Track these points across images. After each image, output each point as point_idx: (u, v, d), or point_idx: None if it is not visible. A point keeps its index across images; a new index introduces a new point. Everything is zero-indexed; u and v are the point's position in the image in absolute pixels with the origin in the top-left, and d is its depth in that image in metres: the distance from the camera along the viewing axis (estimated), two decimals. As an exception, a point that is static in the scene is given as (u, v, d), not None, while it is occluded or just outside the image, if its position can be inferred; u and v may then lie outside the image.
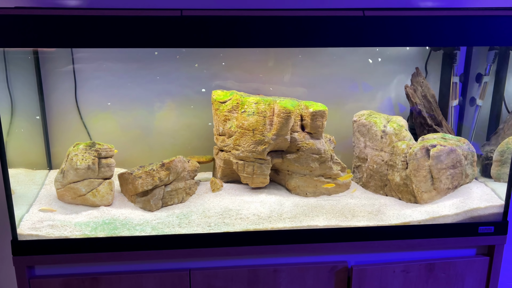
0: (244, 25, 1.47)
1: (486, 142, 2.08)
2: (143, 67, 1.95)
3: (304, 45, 1.56)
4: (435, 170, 1.79)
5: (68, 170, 1.72)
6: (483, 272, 1.82)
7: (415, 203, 1.84)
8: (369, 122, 1.94)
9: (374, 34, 1.51)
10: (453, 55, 2.03)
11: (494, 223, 1.76)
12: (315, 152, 1.85)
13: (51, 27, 1.40)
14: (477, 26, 1.53)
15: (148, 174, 1.74)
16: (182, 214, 1.74)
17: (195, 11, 1.47)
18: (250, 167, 1.85)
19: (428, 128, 2.02)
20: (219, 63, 1.98)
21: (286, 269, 1.71)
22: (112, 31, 1.43)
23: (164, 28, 1.44)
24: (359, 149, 2.00)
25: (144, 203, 1.75)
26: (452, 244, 1.77)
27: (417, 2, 1.95)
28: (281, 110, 1.77)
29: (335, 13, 1.53)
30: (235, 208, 1.78)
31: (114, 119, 2.02)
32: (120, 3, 1.83)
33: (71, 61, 1.93)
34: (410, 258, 1.79)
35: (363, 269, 1.74)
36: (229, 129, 1.86)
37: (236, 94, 1.88)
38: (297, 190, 1.91)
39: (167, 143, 2.07)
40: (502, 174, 1.92)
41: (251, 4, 1.87)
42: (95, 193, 1.74)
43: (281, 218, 1.73)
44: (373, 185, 1.97)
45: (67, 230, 1.62)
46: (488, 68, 2.01)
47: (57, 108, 1.98)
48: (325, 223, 1.71)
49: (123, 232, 1.63)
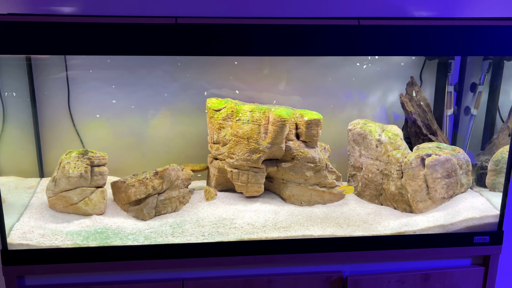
0: (240, 34, 1.47)
1: (480, 152, 2.08)
2: (136, 74, 1.94)
3: (300, 53, 1.56)
4: (430, 179, 1.79)
5: (60, 178, 1.69)
6: (479, 282, 1.81)
7: (410, 212, 1.83)
8: (364, 131, 1.94)
9: (369, 43, 1.51)
10: (447, 64, 2.03)
11: (489, 233, 1.76)
12: (310, 161, 1.84)
13: (45, 34, 1.39)
14: (473, 36, 1.54)
15: (141, 183, 1.72)
16: (176, 223, 1.72)
17: (190, 19, 1.47)
18: (244, 175, 1.84)
19: (423, 137, 2.02)
20: (214, 71, 1.97)
21: (281, 279, 1.70)
22: (106, 38, 1.42)
23: (159, 36, 1.43)
24: (354, 158, 2.00)
25: (137, 212, 1.73)
26: (447, 254, 1.76)
27: (412, 12, 1.96)
28: (276, 119, 1.76)
29: (330, 22, 1.53)
30: (229, 217, 1.76)
31: (107, 127, 2.00)
32: (115, 10, 1.82)
33: (65, 68, 1.91)
34: (405, 268, 1.78)
35: (358, 279, 1.72)
36: (224, 137, 1.85)
37: (231, 102, 1.87)
38: (292, 199, 1.90)
39: (161, 151, 2.05)
40: (497, 183, 1.92)
41: (246, 12, 1.87)
42: (87, 202, 1.72)
43: (276, 228, 1.71)
44: (368, 194, 1.96)
45: (58, 239, 1.59)
46: (482, 77, 2.02)
47: (49, 115, 1.96)
48: (320, 232, 1.70)
49: (115, 241, 1.61)
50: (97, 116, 1.97)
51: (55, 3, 1.79)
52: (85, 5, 1.80)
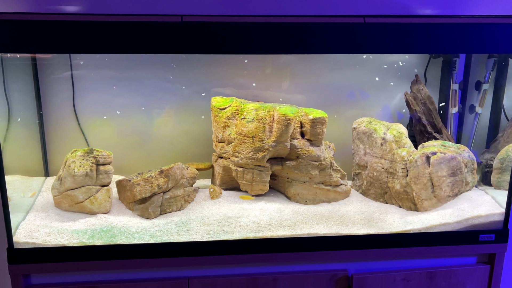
0: (245, 31, 1.47)
1: (485, 150, 2.08)
2: (141, 73, 1.94)
3: (305, 51, 1.56)
4: (435, 177, 1.79)
5: (66, 177, 1.70)
6: (484, 280, 1.80)
7: (415, 210, 1.83)
8: (369, 129, 1.93)
9: (374, 41, 1.51)
10: (452, 62, 2.03)
11: (495, 231, 1.76)
12: (315, 159, 1.83)
13: (51, 33, 1.40)
14: (477, 33, 1.54)
15: (147, 181, 1.72)
16: (181, 222, 1.72)
17: (196, 17, 1.47)
18: (249, 174, 1.84)
19: (428, 135, 2.01)
20: (219, 69, 1.97)
21: (286, 278, 1.69)
22: (111, 37, 1.42)
23: (165, 34, 1.43)
24: (359, 157, 2.00)
25: (142, 210, 1.73)
26: (453, 252, 1.76)
27: (417, 10, 1.95)
28: (281, 117, 1.76)
29: (336, 20, 1.53)
30: (234, 216, 1.76)
31: (112, 126, 2.00)
32: (120, 9, 1.82)
33: (70, 67, 1.91)
34: (411, 266, 1.77)
35: (364, 277, 1.72)
36: (229, 135, 1.85)
37: (236, 101, 1.87)
38: (297, 198, 1.90)
39: (166, 150, 2.05)
40: (502, 181, 1.92)
41: (252, 10, 1.87)
42: (92, 200, 1.72)
43: (281, 226, 1.71)
44: (373, 192, 1.96)
45: (64, 238, 1.59)
46: (487, 75, 2.01)
47: (54, 114, 1.97)
48: (325, 231, 1.69)
49: (121, 240, 1.61)
50: (104, 118, 1.98)
51: (60, 2, 1.79)
52: (90, 4, 1.80)
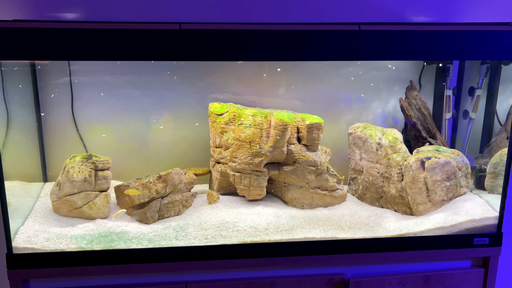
0: (242, 39, 1.49)
1: (479, 155, 2.10)
2: (139, 79, 1.96)
3: (301, 58, 1.58)
4: (430, 182, 1.81)
5: (64, 183, 1.71)
6: (479, 283, 1.82)
7: (410, 215, 1.85)
8: (364, 135, 1.96)
9: (369, 48, 1.53)
10: (446, 68, 2.06)
11: (489, 234, 1.78)
12: (311, 164, 1.86)
13: (50, 40, 1.41)
14: (471, 40, 1.56)
15: (145, 187, 1.73)
16: (179, 227, 1.73)
17: (194, 25, 1.49)
18: (246, 179, 1.86)
19: (423, 140, 2.04)
20: (216, 75, 1.99)
21: (283, 282, 1.71)
22: (110, 44, 1.44)
23: (163, 41, 1.45)
24: (355, 161, 2.02)
25: (140, 215, 1.75)
26: (448, 256, 1.78)
27: (411, 17, 1.98)
28: (278, 123, 1.78)
29: (331, 27, 1.55)
30: (232, 221, 1.78)
31: (111, 131, 2.01)
32: (119, 16, 1.84)
33: (68, 73, 1.93)
34: (407, 270, 1.79)
35: (360, 281, 1.74)
36: (226, 141, 1.87)
37: (233, 107, 1.89)
38: (294, 202, 1.92)
39: (164, 155, 2.06)
40: (496, 186, 1.94)
41: (249, 18, 1.89)
42: (91, 206, 1.73)
43: (278, 230, 1.73)
44: (369, 197, 1.98)
45: (62, 243, 1.60)
46: (480, 81, 2.04)
47: (53, 120, 1.98)
48: (322, 235, 1.71)
49: (119, 245, 1.62)
50: (102, 123, 1.98)
51: (59, 10, 1.81)
52: (89, 11, 1.82)
